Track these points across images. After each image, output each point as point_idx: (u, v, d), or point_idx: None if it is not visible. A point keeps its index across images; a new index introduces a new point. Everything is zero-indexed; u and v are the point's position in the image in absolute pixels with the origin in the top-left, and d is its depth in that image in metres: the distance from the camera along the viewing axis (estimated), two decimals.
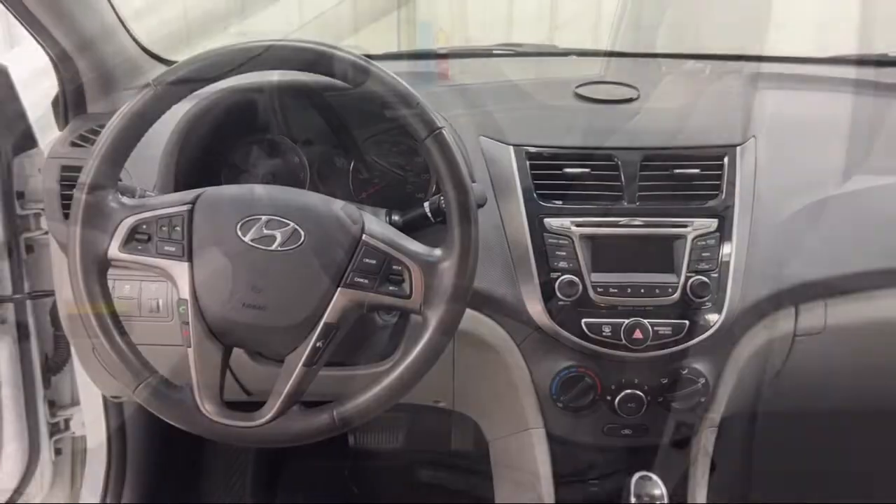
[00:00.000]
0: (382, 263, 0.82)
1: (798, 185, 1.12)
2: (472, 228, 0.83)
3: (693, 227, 1.04)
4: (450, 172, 0.82)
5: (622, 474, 1.12)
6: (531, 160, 1.08)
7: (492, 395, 1.19)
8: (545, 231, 1.05)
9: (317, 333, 0.82)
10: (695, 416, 1.11)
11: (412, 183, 1.18)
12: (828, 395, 1.32)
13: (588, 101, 1.18)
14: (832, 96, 1.30)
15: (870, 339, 1.16)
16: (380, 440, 1.64)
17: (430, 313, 0.83)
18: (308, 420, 0.83)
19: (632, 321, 1.03)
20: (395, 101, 0.82)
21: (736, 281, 1.04)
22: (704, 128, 1.12)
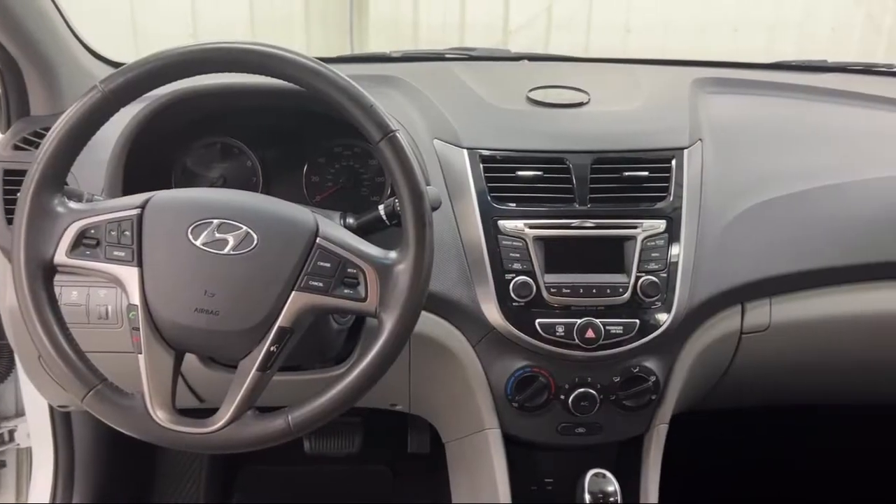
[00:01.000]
0: (337, 266, 0.82)
1: (743, 187, 1.15)
2: (427, 231, 0.83)
3: (642, 228, 1.07)
4: (404, 175, 0.82)
5: (577, 472, 1.14)
6: (485, 163, 1.09)
7: (448, 396, 1.20)
8: (499, 233, 1.06)
9: (271, 338, 0.81)
10: (646, 414, 1.13)
11: (367, 186, 1.18)
12: (774, 390, 1.36)
13: (540, 105, 1.19)
14: (775, 101, 1.34)
15: (813, 335, 1.20)
16: (336, 445, 1.63)
17: (386, 316, 0.82)
18: (262, 425, 0.83)
19: (584, 321, 1.04)
20: (348, 103, 0.82)
21: (684, 280, 1.06)
22: (653, 131, 1.14)
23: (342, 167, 1.18)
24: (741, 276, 1.11)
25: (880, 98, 1.35)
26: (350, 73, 0.85)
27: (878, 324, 1.21)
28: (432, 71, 1.38)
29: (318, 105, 0.87)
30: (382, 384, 0.85)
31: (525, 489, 1.17)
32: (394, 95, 1.22)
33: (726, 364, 1.20)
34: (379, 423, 1.62)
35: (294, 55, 0.82)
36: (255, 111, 1.13)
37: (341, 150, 1.18)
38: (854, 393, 1.41)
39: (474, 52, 1.48)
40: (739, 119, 1.26)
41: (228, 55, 0.82)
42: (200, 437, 0.82)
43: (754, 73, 1.44)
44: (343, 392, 0.83)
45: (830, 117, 1.31)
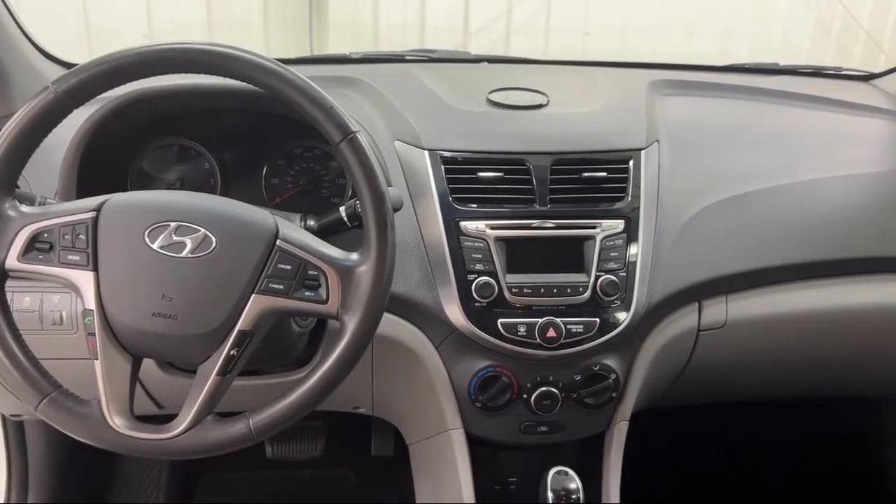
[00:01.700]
0: (298, 269, 0.81)
1: (698, 187, 1.18)
2: (389, 232, 0.83)
3: (602, 228, 1.08)
4: (365, 176, 0.82)
5: (540, 471, 1.15)
6: (446, 164, 1.10)
7: (411, 398, 1.20)
8: (461, 234, 1.06)
9: (231, 341, 0.80)
10: (607, 411, 1.15)
11: (327, 188, 1.18)
12: (732, 386, 1.39)
13: (500, 107, 1.20)
14: (729, 103, 1.37)
15: (768, 332, 1.23)
16: (298, 449, 1.62)
17: (348, 318, 0.82)
18: (222, 430, 0.82)
19: (545, 320, 1.05)
20: (307, 105, 0.82)
21: (643, 279, 1.08)
22: (610, 132, 1.16)
23: (302, 169, 1.17)
24: (698, 275, 1.14)
25: (829, 100, 1.39)
26: (310, 75, 0.84)
27: (830, 319, 1.24)
28: (392, 72, 1.38)
29: (277, 106, 0.87)
30: (345, 387, 0.85)
31: (489, 489, 1.17)
32: (354, 97, 1.22)
33: (685, 361, 1.22)
34: (342, 426, 1.61)
35: (252, 56, 0.82)
36: (214, 113, 1.12)
37: (301, 152, 1.17)
38: (809, 386, 1.44)
39: (434, 53, 1.49)
40: (694, 120, 1.29)
41: (185, 56, 0.81)
42: (159, 444, 0.81)
43: (708, 76, 1.47)
44: (305, 395, 0.82)
45: (782, 118, 1.34)
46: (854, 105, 1.38)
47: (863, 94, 1.44)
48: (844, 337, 1.28)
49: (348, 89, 1.23)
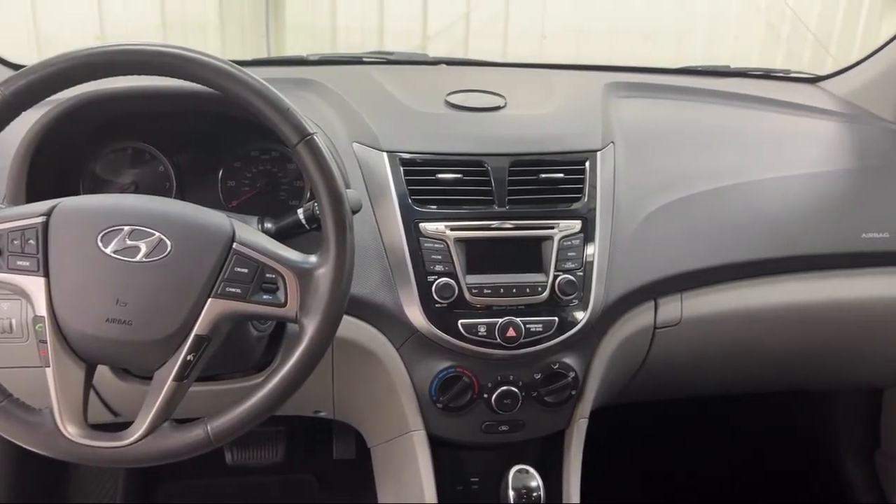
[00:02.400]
0: (255, 272, 0.81)
1: (653, 188, 1.20)
2: (348, 234, 0.83)
3: (559, 228, 1.09)
4: (323, 178, 0.82)
5: (502, 470, 1.15)
6: (405, 166, 1.10)
7: (372, 400, 1.20)
8: (421, 236, 1.07)
9: (187, 346, 0.79)
10: (567, 409, 1.16)
11: (285, 190, 1.17)
12: (688, 382, 1.42)
13: (458, 109, 1.21)
14: (682, 104, 1.40)
15: (722, 328, 1.26)
16: (259, 455, 1.60)
17: (307, 321, 0.82)
18: (180, 437, 0.80)
19: (505, 320, 1.06)
20: (263, 107, 0.81)
21: (599, 278, 1.09)
22: (567, 134, 1.17)
23: (259, 171, 1.16)
24: (653, 273, 1.15)
25: (778, 101, 1.43)
26: (266, 77, 0.84)
27: (781, 315, 1.28)
28: (350, 74, 1.37)
29: (233, 109, 0.86)
30: (305, 390, 0.84)
31: (451, 489, 1.18)
32: (311, 99, 1.21)
33: (642, 358, 1.24)
34: (303, 430, 1.60)
35: (207, 57, 0.81)
36: (168, 115, 1.10)
37: (258, 154, 1.16)
38: (762, 381, 1.48)
39: (392, 55, 1.49)
40: (649, 122, 1.31)
41: (139, 57, 0.80)
42: (114, 452, 0.79)
43: (663, 78, 1.50)
44: (264, 400, 0.82)
45: (733, 119, 1.37)
46: (802, 106, 1.42)
47: (810, 96, 1.48)
48: (795, 332, 1.31)
49: (305, 91, 1.23)
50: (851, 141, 1.35)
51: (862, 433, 1.70)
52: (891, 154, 1.33)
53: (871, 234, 1.26)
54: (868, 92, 1.43)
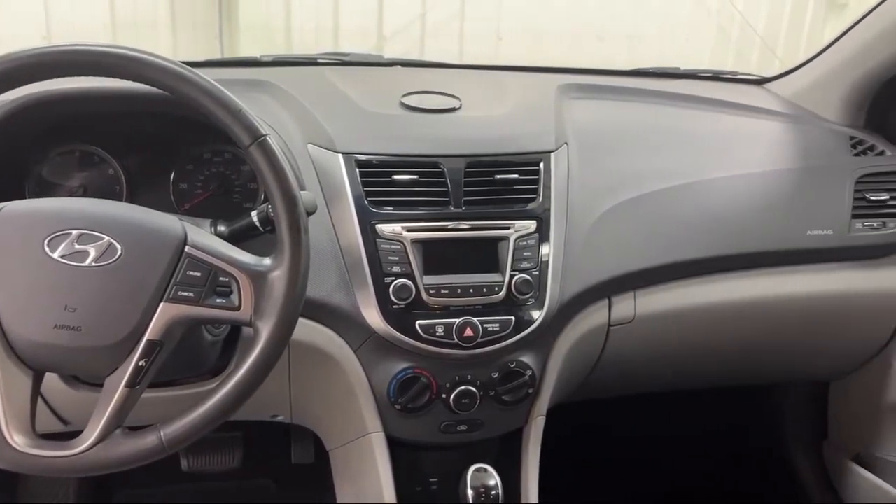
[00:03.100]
0: (208, 275, 0.80)
1: (606, 188, 1.21)
2: (303, 237, 0.82)
3: (515, 228, 1.10)
4: (277, 180, 0.81)
5: (460, 469, 1.16)
6: (361, 168, 1.09)
7: (330, 403, 1.19)
8: (378, 237, 1.06)
9: (139, 352, 0.78)
10: (524, 407, 1.17)
11: (239, 192, 1.16)
12: (643, 378, 1.44)
13: (414, 111, 1.21)
14: (634, 105, 1.42)
15: (674, 325, 1.29)
16: (215, 461, 1.58)
17: (262, 325, 0.81)
18: (132, 444, 0.79)
19: (462, 320, 1.06)
20: (215, 108, 0.80)
21: (555, 278, 1.11)
22: (521, 135, 1.18)
23: (212, 173, 1.15)
24: (606, 272, 1.17)
25: (727, 102, 1.46)
26: (219, 78, 0.83)
27: (731, 311, 1.31)
28: (305, 76, 1.37)
29: (185, 110, 0.85)
30: (261, 394, 0.84)
31: (410, 490, 1.18)
32: (265, 100, 1.20)
33: (597, 355, 1.26)
34: (260, 435, 1.58)
35: (156, 58, 0.80)
36: (118, 117, 1.08)
37: (211, 156, 1.14)
38: (715, 376, 1.51)
39: (347, 57, 1.48)
40: (601, 123, 1.33)
41: (86, 58, 0.78)
42: (64, 461, 0.78)
43: (615, 80, 1.52)
44: (218, 405, 0.81)
45: (683, 120, 1.40)
46: (749, 107, 1.45)
47: (757, 98, 1.52)
48: (745, 328, 1.35)
49: (259, 92, 1.22)
50: (796, 141, 1.39)
51: (810, 425, 1.75)
52: (833, 154, 1.37)
53: (816, 232, 1.30)
54: (811, 93, 1.48)
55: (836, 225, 1.31)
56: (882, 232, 1.33)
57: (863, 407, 1.57)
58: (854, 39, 1.38)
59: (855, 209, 1.32)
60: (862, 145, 1.39)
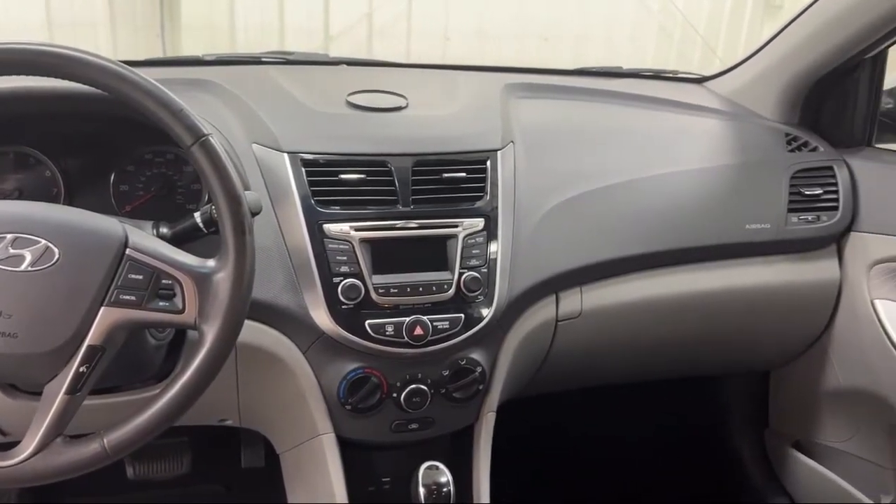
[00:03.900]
0: (151, 278, 0.78)
1: (551, 185, 1.23)
2: (247, 237, 0.81)
3: (463, 226, 1.11)
4: (220, 180, 0.80)
5: (413, 468, 1.16)
6: (307, 167, 1.09)
7: (279, 406, 1.18)
8: (325, 237, 1.06)
9: (79, 358, 0.76)
10: (475, 404, 1.18)
11: (182, 194, 1.14)
12: (591, 372, 1.46)
13: (360, 109, 1.20)
14: (578, 104, 1.44)
15: (620, 319, 1.31)
16: (162, 468, 1.54)
17: (207, 327, 0.80)
18: (74, 452, 0.77)
19: (412, 319, 1.07)
20: (155, 107, 0.79)
21: (503, 275, 1.12)
22: (468, 134, 1.19)
23: (154, 175, 1.12)
24: (553, 268, 1.19)
25: (668, 101, 1.49)
26: (160, 78, 0.81)
27: (674, 305, 1.34)
28: (248, 75, 1.35)
29: (125, 110, 0.83)
30: (209, 398, 0.82)
31: (362, 491, 1.17)
32: (207, 99, 1.18)
33: (545, 351, 1.28)
34: (209, 440, 1.56)
35: (94, 57, 0.78)
36: (54, 117, 1.05)
37: (152, 157, 1.12)
38: (660, 368, 1.55)
39: (292, 55, 1.47)
40: (547, 122, 1.34)
41: (20, 56, 0.76)
42: (3, 471, 0.76)
43: (560, 79, 1.54)
44: (163, 409, 0.79)
45: (626, 118, 1.43)
46: (689, 105, 1.49)
47: (696, 96, 1.55)
48: (688, 320, 1.38)
49: (201, 92, 1.20)
50: (734, 138, 1.43)
51: (752, 414, 1.81)
52: (769, 150, 1.42)
53: (754, 226, 1.34)
54: (748, 91, 1.52)
55: (773, 219, 1.35)
56: (816, 225, 1.38)
57: (801, 395, 1.62)
58: (786, 40, 1.42)
59: (791, 203, 1.37)
60: (797, 141, 1.44)
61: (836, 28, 1.32)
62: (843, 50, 1.34)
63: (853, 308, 1.41)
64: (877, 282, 1.36)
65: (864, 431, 1.51)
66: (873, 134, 1.46)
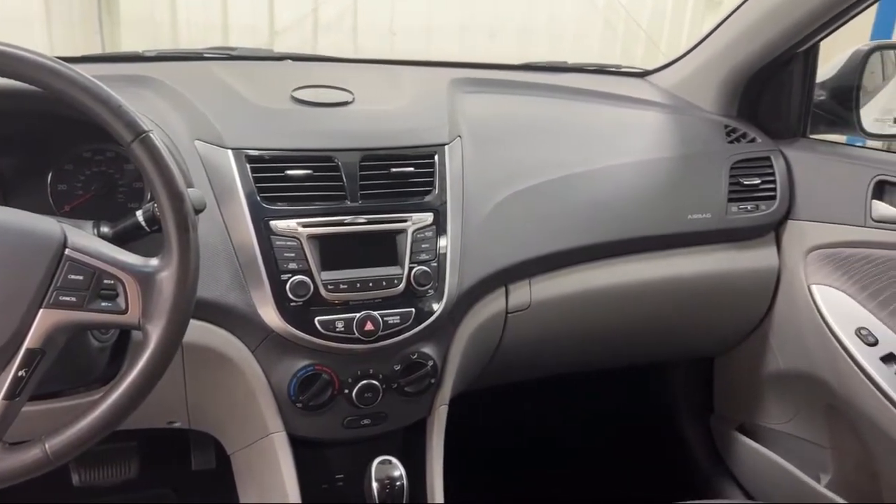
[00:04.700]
0: (91, 278, 0.76)
1: (499, 179, 1.24)
2: (191, 235, 0.80)
3: (412, 221, 1.11)
4: (161, 177, 0.79)
5: (366, 464, 1.16)
6: (252, 163, 1.07)
7: (229, 406, 1.16)
8: (272, 234, 1.05)
9: (18, 361, 0.74)
10: (427, 397, 1.18)
11: (124, 192, 1.11)
12: (541, 363, 1.48)
13: (305, 105, 1.19)
14: (524, 99, 1.45)
15: (569, 309, 1.33)
16: (109, 473, 1.51)
17: (151, 327, 0.78)
18: (14, 458, 0.75)
19: (363, 314, 1.06)
20: (93, 104, 0.77)
21: (453, 268, 1.12)
22: (415, 129, 1.19)
23: (94, 173, 1.09)
24: (502, 261, 1.20)
25: (611, 95, 1.52)
26: (98, 74, 0.79)
27: (621, 294, 1.37)
28: (190, 71, 1.32)
29: (61, 108, 0.81)
30: (156, 400, 0.81)
31: (315, 488, 1.17)
32: (148, 96, 1.16)
33: (496, 343, 1.29)
34: (158, 443, 1.53)
35: (29, 53, 0.75)
36: None
37: (92, 156, 1.09)
38: (608, 357, 1.58)
39: (235, 51, 1.45)
40: (493, 116, 1.35)
41: None
42: None
43: (505, 74, 1.56)
44: (107, 412, 0.77)
45: (571, 113, 1.45)
46: (632, 99, 1.52)
47: (639, 90, 1.58)
48: (634, 309, 1.41)
49: (141, 88, 1.17)
50: (676, 130, 1.47)
51: (698, 400, 1.85)
52: (710, 141, 1.45)
53: (696, 216, 1.37)
54: (688, 85, 1.56)
55: (714, 209, 1.39)
56: (755, 214, 1.42)
57: (744, 380, 1.67)
58: (723, 35, 1.46)
59: (731, 193, 1.41)
60: (735, 133, 1.48)
61: (769, 23, 1.36)
62: (777, 44, 1.38)
63: (791, 294, 1.45)
64: (813, 268, 1.41)
65: (804, 413, 1.57)
66: (808, 125, 1.51)
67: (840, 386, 1.38)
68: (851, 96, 1.44)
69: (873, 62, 1.47)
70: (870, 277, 1.32)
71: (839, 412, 1.46)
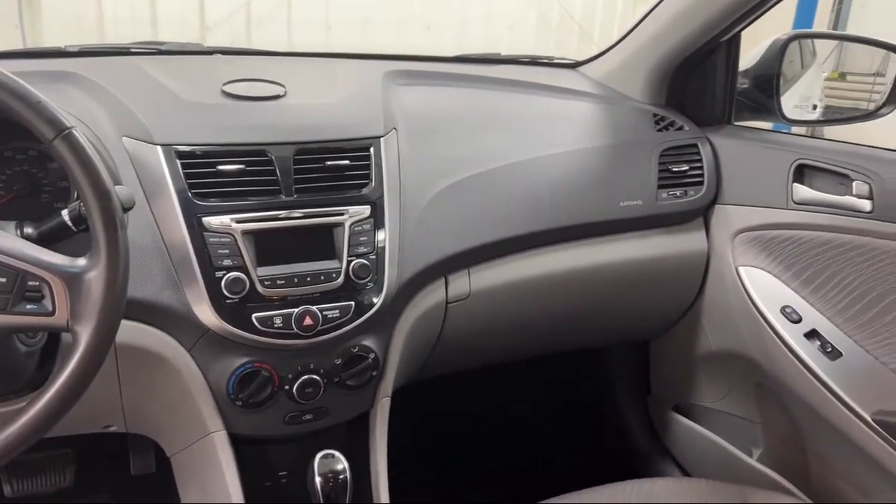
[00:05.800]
0: (15, 280, 0.74)
1: (435, 171, 1.25)
2: (119, 233, 0.78)
3: (349, 214, 1.11)
4: (86, 175, 0.77)
5: (309, 459, 1.15)
6: (182, 159, 1.05)
7: (167, 407, 1.14)
8: (205, 230, 1.03)
9: None
10: (369, 390, 1.18)
11: (48, 192, 1.08)
12: (482, 352, 1.50)
13: (236, 99, 1.18)
14: (458, 91, 1.46)
15: (507, 297, 1.35)
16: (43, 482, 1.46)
17: (80, 329, 0.76)
18: None
19: (301, 309, 1.06)
20: (11, 101, 0.74)
21: (392, 260, 1.13)
22: (350, 122, 1.19)
23: (15, 173, 1.06)
24: (441, 252, 1.21)
25: (544, 86, 1.54)
26: (17, 70, 0.77)
27: (559, 281, 1.39)
28: (116, 66, 1.29)
29: None
30: (90, 404, 0.79)
31: (259, 486, 1.16)
32: (71, 92, 1.12)
33: (437, 333, 1.30)
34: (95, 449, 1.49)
35: None
36: None
37: (13, 155, 1.06)
38: (547, 343, 1.61)
39: (163, 46, 1.41)
40: (428, 108, 1.36)
41: None
42: None
43: (440, 66, 1.56)
44: (35, 419, 0.75)
45: (504, 104, 1.46)
46: (564, 90, 1.54)
47: (571, 80, 1.61)
48: (571, 295, 1.44)
49: (64, 84, 1.13)
50: (606, 120, 1.50)
51: (635, 382, 1.91)
52: (639, 130, 1.49)
53: (628, 203, 1.41)
54: (618, 75, 1.59)
55: (645, 195, 1.43)
56: (684, 200, 1.47)
57: (678, 361, 1.72)
58: (649, 26, 1.50)
59: (660, 180, 1.45)
60: (664, 121, 1.52)
61: (692, 14, 1.40)
62: (700, 34, 1.42)
63: (720, 276, 1.51)
64: (740, 250, 1.47)
65: (735, 391, 1.63)
66: (732, 112, 1.56)
67: (768, 363, 1.43)
68: (772, 84, 1.50)
69: (791, 51, 1.53)
70: (793, 258, 1.38)
71: (768, 389, 1.52)
